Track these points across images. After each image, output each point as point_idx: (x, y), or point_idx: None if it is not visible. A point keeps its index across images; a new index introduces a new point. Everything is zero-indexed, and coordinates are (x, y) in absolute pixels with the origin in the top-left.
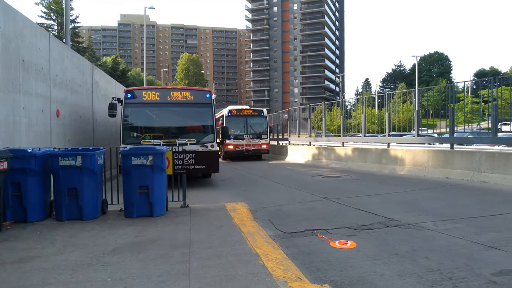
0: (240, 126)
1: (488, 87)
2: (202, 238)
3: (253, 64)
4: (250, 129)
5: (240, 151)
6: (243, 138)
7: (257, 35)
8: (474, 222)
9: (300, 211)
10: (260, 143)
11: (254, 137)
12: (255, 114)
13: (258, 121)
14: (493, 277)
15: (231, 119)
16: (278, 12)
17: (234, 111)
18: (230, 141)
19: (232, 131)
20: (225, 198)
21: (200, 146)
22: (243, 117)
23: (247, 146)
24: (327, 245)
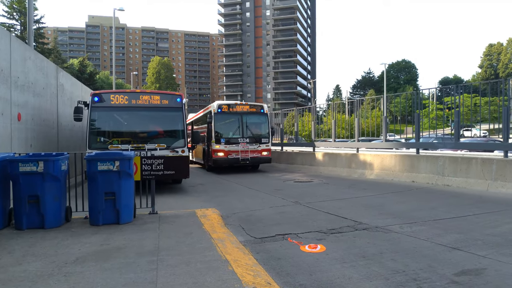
0: (233, 127)
1: (451, 95)
2: (171, 245)
3: (226, 69)
4: (247, 131)
5: (233, 160)
6: (237, 142)
7: (230, 40)
8: (438, 224)
9: (271, 216)
10: (259, 149)
11: (252, 141)
12: (253, 111)
13: (257, 120)
14: (454, 277)
15: (221, 117)
16: (251, 18)
17: (226, 107)
18: (220, 147)
19: (222, 133)
20: (195, 204)
21: (170, 151)
22: (237, 114)
23: (244, 153)
24: (297, 250)
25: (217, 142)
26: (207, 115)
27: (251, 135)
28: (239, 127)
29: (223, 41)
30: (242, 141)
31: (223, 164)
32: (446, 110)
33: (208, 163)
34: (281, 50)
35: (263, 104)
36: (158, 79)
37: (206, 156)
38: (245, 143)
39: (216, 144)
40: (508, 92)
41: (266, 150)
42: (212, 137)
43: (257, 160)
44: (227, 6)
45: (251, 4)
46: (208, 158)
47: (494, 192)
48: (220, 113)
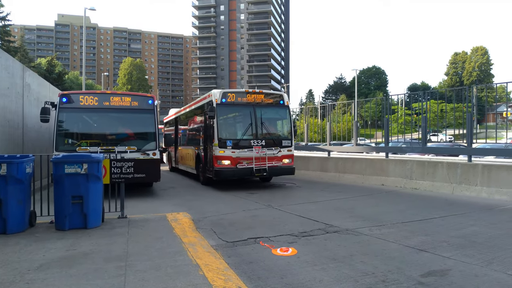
0: (244, 124)
1: (419, 101)
2: (140, 250)
3: (200, 71)
4: (263, 130)
5: (244, 171)
6: (250, 146)
7: (204, 43)
8: (406, 226)
9: (243, 219)
10: (279, 155)
11: (270, 144)
12: (270, 102)
13: (276, 114)
14: (421, 278)
15: (226, 110)
16: (225, 21)
17: (233, 95)
18: (226, 152)
19: (228, 133)
20: (166, 208)
21: (141, 154)
22: (248, 107)
23: (259, 161)
24: (269, 253)
25: (221, 146)
26: (204, 107)
27: (269, 136)
28: (251, 124)
29: (197, 44)
30: (256, 144)
31: (229, 177)
32: (414, 115)
33: (206, 174)
34: (255, 54)
35: (282, 93)
36: (130, 80)
37: (202, 165)
38: (261, 147)
39: (219, 148)
40: (472, 99)
41: (288, 156)
42: (213, 139)
43: (277, 171)
44: (202, 8)
45: (225, 7)
46: (206, 167)
47: (458, 195)
48: (225, 104)
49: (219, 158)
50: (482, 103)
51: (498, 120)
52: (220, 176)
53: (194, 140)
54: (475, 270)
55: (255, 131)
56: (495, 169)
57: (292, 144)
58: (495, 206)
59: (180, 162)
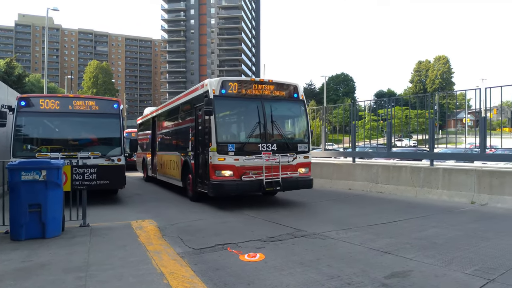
0: (249, 122)
1: (385, 107)
2: (102, 259)
3: (169, 75)
4: (274, 130)
5: (251, 184)
6: (258, 151)
7: (174, 46)
8: (372, 229)
9: (211, 226)
10: (295, 163)
11: (282, 148)
12: (281, 96)
13: (289, 111)
14: (385, 280)
15: (227, 104)
16: (195, 25)
17: (235, 85)
18: (227, 160)
19: (229, 134)
20: (131, 216)
21: (105, 160)
22: (255, 100)
23: (270, 171)
24: (236, 259)
25: (221, 151)
26: (195, 101)
27: (281, 139)
28: (259, 123)
29: (166, 47)
30: (266, 148)
31: (231, 192)
32: (381, 121)
33: (197, 188)
34: (226, 59)
35: (296, 84)
36: (96, 84)
37: (192, 176)
38: (271, 153)
39: (218, 154)
40: (434, 105)
41: (305, 165)
42: (210, 142)
43: (293, 184)
44: (171, 12)
45: (195, 11)
46: (198, 179)
47: (422, 198)
48: (225, 96)
49: (218, 167)
50: (444, 110)
51: (458, 126)
52: (219, 191)
53: (180, 143)
54: (435, 271)
55: (265, 132)
56: (455, 173)
57: (309, 149)
58: (455, 208)
59: (159, 171)
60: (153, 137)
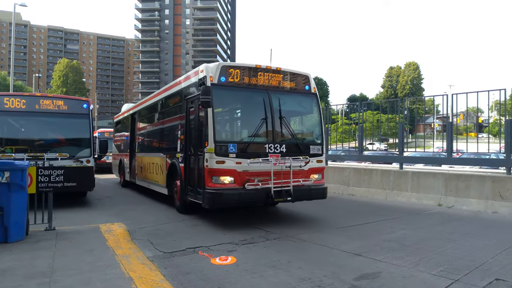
0: (254, 118)
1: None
2: (68, 264)
3: (142, 76)
4: (283, 128)
5: (257, 194)
6: (264, 152)
7: (147, 46)
8: (343, 232)
9: (183, 229)
10: (306, 168)
11: (293, 150)
12: (291, 87)
13: (299, 105)
14: (354, 282)
15: (227, 94)
16: (169, 25)
17: (237, 73)
18: (227, 163)
19: (229, 132)
20: (100, 219)
21: (73, 161)
22: (261, 91)
23: (279, 177)
24: (207, 263)
25: (220, 153)
26: (186, 92)
27: (292, 139)
28: (266, 119)
29: (140, 47)
30: (273, 150)
31: (232, 204)
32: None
33: (188, 197)
34: (201, 60)
35: (308, 74)
36: (66, 83)
37: (180, 182)
38: (280, 155)
39: (217, 156)
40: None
41: (318, 170)
42: (206, 141)
43: (305, 194)
44: (145, 11)
45: (170, 12)
46: (190, 187)
47: (391, 200)
48: (226, 86)
49: (216, 172)
50: (414, 115)
51: (427, 130)
52: (217, 202)
53: (166, 143)
54: (403, 272)
55: (272, 130)
56: (423, 176)
57: (323, 151)
58: (423, 211)
59: (139, 176)
60: (132, 136)
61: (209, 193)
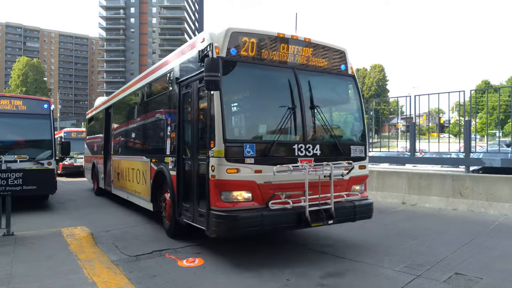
0: (276, 109)
1: None
2: (27, 270)
3: (107, 75)
4: (315, 121)
5: (287, 216)
6: (293, 156)
7: (112, 45)
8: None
9: (150, 231)
10: (347, 177)
11: (329, 153)
12: (323, 66)
13: (334, 91)
14: (321, 280)
15: (239, 71)
16: (135, 24)
17: (251, 42)
18: (242, 170)
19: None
20: (63, 223)
21: (34, 164)
22: (285, 70)
23: (316, 191)
24: (174, 265)
25: (232, 157)
26: (180, 72)
27: (327, 136)
28: (293, 109)
29: (105, 46)
30: (304, 152)
31: (251, 230)
32: None
33: (184, 218)
34: None
35: (344, 49)
36: (25, 82)
37: (172, 196)
38: (313, 160)
39: (228, 161)
40: (370, 111)
41: (360, 180)
42: (213, 139)
43: (349, 214)
44: (110, 9)
45: (136, 10)
46: (186, 204)
47: None
48: (237, 60)
49: (226, 185)
50: (379, 115)
51: (392, 130)
52: (230, 229)
53: (151, 143)
54: (368, 269)
55: (302, 125)
56: (388, 175)
57: (366, 153)
58: (387, 209)
59: (115, 183)
60: (107, 135)
61: (217, 216)
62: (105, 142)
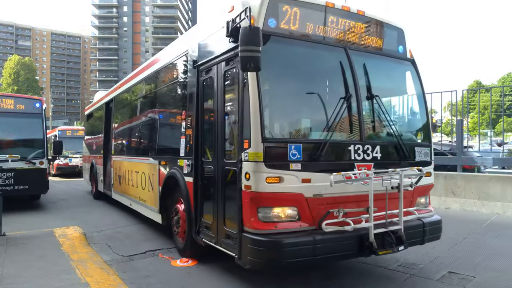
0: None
1: None
2: (18, 271)
3: (100, 74)
4: (374, 115)
5: (346, 242)
6: (348, 160)
7: (105, 44)
8: None
9: (142, 231)
10: (411, 188)
11: (390, 155)
12: (377, 47)
13: (388, 78)
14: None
15: (279, 49)
16: (128, 23)
17: (294, 12)
18: (286, 179)
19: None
20: (55, 223)
21: (25, 163)
22: (335, 50)
23: (382, 206)
24: (168, 265)
25: (273, 162)
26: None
27: (388, 135)
28: (348, 99)
29: (97, 44)
30: (362, 155)
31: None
32: None
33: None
34: None
35: (401, 26)
36: (17, 81)
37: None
38: (372, 165)
39: (267, 166)
40: None
41: (425, 190)
42: (250, 137)
43: (418, 235)
44: (103, 7)
45: (129, 9)
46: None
47: None
48: (277, 34)
49: (266, 199)
50: None
51: None
52: (271, 259)
53: (160, 142)
54: (361, 268)
55: (359, 121)
56: None
57: (432, 156)
58: None
59: (116, 187)
60: (107, 132)
61: (255, 241)
62: (105, 140)
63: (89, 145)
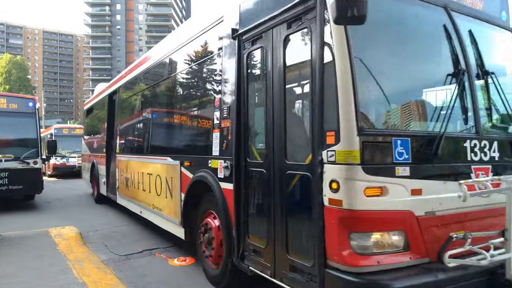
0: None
1: None
2: (13, 271)
3: (93, 73)
4: (488, 98)
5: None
6: (464, 163)
7: (98, 42)
8: None
9: (139, 230)
10: None
11: (507, 155)
12: (479, 11)
13: (494, 50)
14: None
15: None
16: (121, 21)
17: None
18: (392, 190)
19: (380, 109)
20: (50, 222)
21: (19, 163)
22: (435, 10)
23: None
24: (165, 264)
25: (371, 163)
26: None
27: (503, 127)
28: (458, 77)
29: (90, 43)
30: (479, 155)
31: None
32: None
33: (253, 266)
34: None
35: None
36: (9, 80)
37: (224, 227)
38: (490, 168)
39: (366, 172)
40: None
41: None
42: (340, 127)
43: None
44: (95, 6)
45: (122, 7)
46: (252, 242)
47: None
48: None
49: (363, 219)
50: None
51: None
52: None
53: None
54: None
55: (473, 107)
56: None
57: None
58: None
59: (122, 191)
60: (110, 127)
61: (350, 283)
62: (108, 137)
63: (89, 143)
